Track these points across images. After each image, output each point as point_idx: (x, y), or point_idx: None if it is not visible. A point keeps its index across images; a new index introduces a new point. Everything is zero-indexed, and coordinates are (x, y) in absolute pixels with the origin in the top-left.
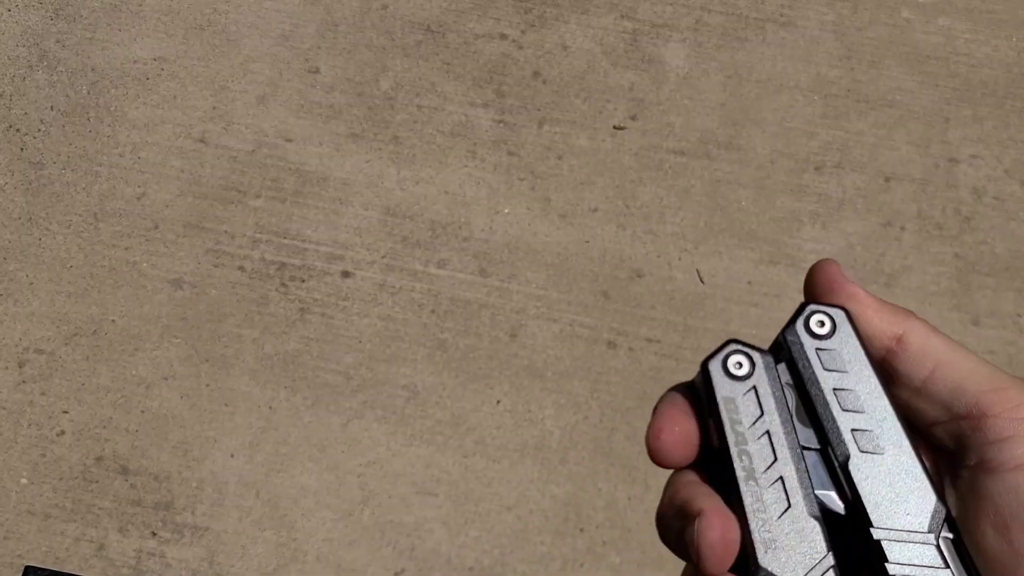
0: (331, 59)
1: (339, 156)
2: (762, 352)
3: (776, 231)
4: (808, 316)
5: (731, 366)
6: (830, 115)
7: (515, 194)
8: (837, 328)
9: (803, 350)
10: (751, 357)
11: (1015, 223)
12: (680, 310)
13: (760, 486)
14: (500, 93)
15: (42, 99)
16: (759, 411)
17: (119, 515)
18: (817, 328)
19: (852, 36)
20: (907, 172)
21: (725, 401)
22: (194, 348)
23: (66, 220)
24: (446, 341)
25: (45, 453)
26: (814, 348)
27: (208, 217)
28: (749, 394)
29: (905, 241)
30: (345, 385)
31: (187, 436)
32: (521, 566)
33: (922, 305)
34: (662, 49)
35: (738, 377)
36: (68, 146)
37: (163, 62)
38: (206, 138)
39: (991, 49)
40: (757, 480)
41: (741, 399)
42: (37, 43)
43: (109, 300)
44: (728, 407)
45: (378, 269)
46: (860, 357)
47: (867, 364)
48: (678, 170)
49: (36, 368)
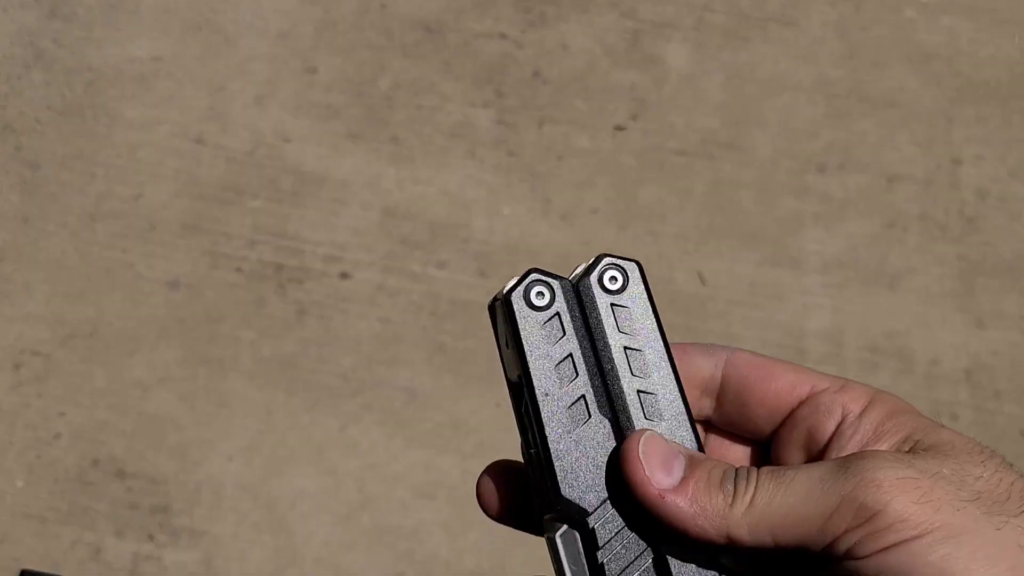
0: (329, 59)
1: (337, 156)
2: (560, 279)
3: (778, 232)
4: (603, 270)
5: (533, 297)
6: (832, 115)
7: (515, 195)
8: (629, 283)
9: (596, 304)
10: (551, 286)
11: (1019, 224)
12: (681, 311)
13: (560, 406)
14: (500, 93)
15: (38, 99)
16: (561, 333)
17: (116, 518)
18: (610, 284)
19: (855, 35)
20: (910, 172)
21: (527, 331)
22: (191, 350)
23: (62, 221)
24: (445, 343)
25: (41, 456)
26: (608, 304)
27: (205, 218)
28: (551, 321)
29: (908, 242)
30: (343, 387)
31: (184, 439)
32: (521, 570)
33: (925, 307)
34: (663, 49)
35: (540, 307)
36: (64, 146)
37: (160, 61)
38: (203, 138)
39: (995, 48)
40: (558, 399)
41: (542, 327)
42: (33, 42)
43: (105, 302)
44: (530, 337)
45: (377, 270)
46: (649, 316)
47: (655, 325)
48: (679, 171)
49: (32, 370)
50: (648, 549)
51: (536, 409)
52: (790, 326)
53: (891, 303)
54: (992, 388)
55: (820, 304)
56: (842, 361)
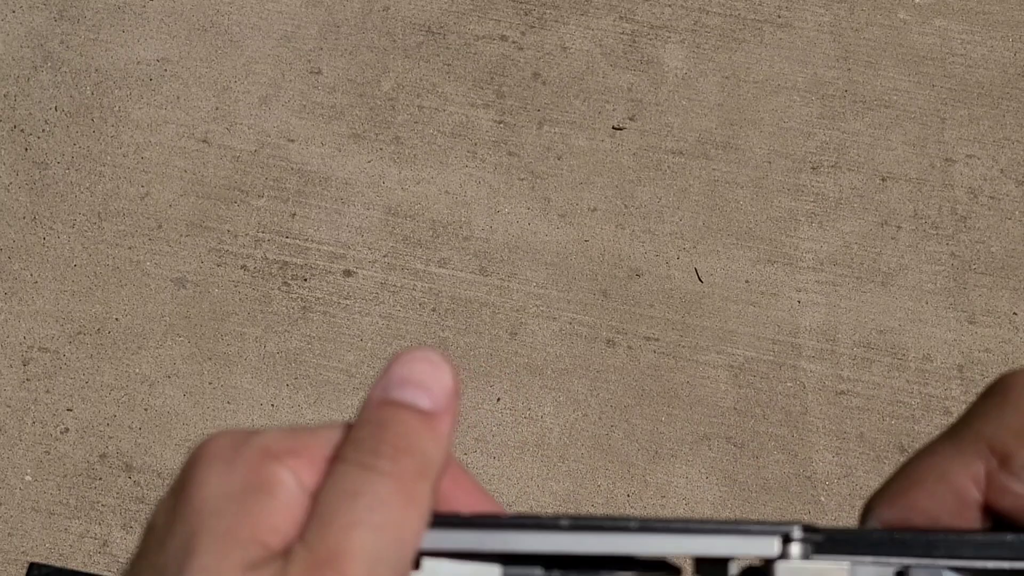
0: (333, 60)
1: (341, 156)
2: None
3: (773, 230)
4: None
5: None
6: (827, 115)
7: (515, 194)
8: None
9: None
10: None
11: (1011, 222)
12: (678, 309)
13: None
14: (500, 94)
15: (46, 100)
16: None
17: (123, 512)
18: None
19: (849, 37)
20: (903, 172)
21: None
22: (197, 346)
23: (70, 220)
24: (447, 339)
25: (49, 450)
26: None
27: (211, 217)
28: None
29: (901, 240)
30: (347, 383)
31: (190, 434)
32: None
33: (918, 304)
34: (660, 50)
35: None
36: (72, 146)
37: (166, 63)
38: (209, 138)
39: (987, 50)
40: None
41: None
42: (41, 44)
43: (113, 299)
44: None
45: (379, 268)
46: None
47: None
48: (676, 170)
49: (40, 366)
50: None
51: None
52: (785, 322)
53: (884, 300)
54: (984, 384)
55: (814, 301)
56: (836, 357)
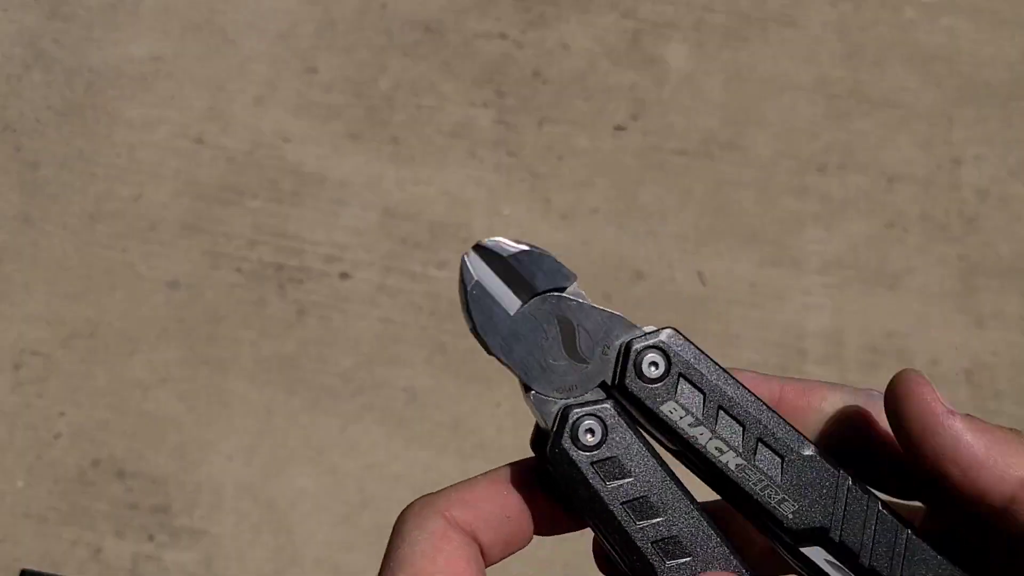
0: (329, 59)
1: (337, 156)
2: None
3: (778, 232)
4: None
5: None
6: (833, 115)
7: (515, 195)
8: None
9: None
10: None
11: (1020, 224)
12: (681, 312)
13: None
14: (500, 93)
15: (38, 99)
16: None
17: (116, 518)
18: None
19: (855, 36)
20: (910, 173)
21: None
22: (191, 350)
23: (62, 221)
24: (446, 343)
25: (41, 456)
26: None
27: (205, 218)
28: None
29: (908, 242)
30: (343, 388)
31: (184, 439)
32: (521, 570)
33: (925, 307)
34: (663, 49)
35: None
36: (64, 146)
37: (160, 62)
38: (203, 138)
39: (995, 49)
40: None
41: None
42: (33, 42)
43: (106, 302)
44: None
45: (377, 270)
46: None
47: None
48: (679, 171)
49: (32, 370)
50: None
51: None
52: (790, 326)
53: (891, 303)
54: (992, 388)
55: (820, 304)
56: (842, 361)
